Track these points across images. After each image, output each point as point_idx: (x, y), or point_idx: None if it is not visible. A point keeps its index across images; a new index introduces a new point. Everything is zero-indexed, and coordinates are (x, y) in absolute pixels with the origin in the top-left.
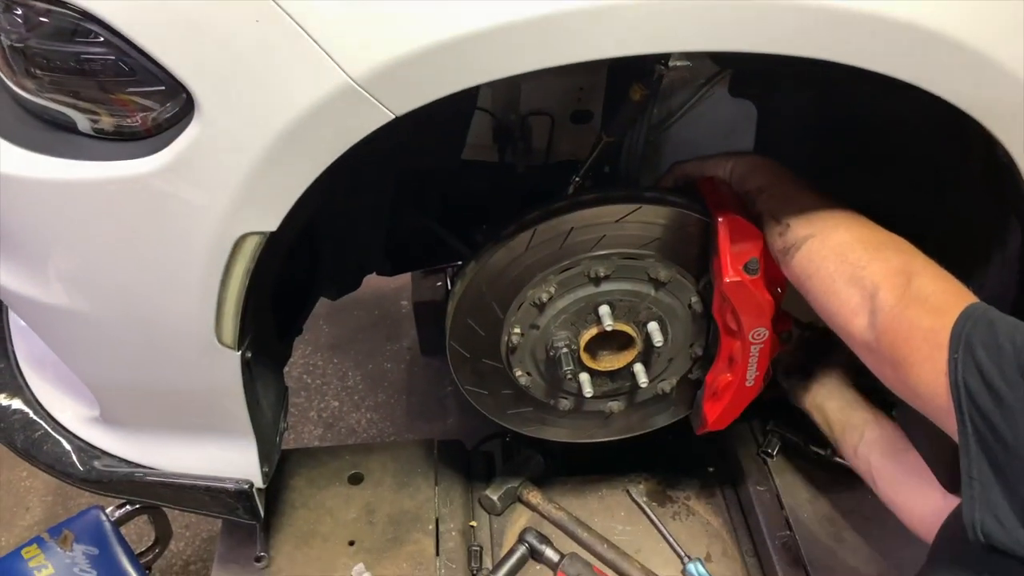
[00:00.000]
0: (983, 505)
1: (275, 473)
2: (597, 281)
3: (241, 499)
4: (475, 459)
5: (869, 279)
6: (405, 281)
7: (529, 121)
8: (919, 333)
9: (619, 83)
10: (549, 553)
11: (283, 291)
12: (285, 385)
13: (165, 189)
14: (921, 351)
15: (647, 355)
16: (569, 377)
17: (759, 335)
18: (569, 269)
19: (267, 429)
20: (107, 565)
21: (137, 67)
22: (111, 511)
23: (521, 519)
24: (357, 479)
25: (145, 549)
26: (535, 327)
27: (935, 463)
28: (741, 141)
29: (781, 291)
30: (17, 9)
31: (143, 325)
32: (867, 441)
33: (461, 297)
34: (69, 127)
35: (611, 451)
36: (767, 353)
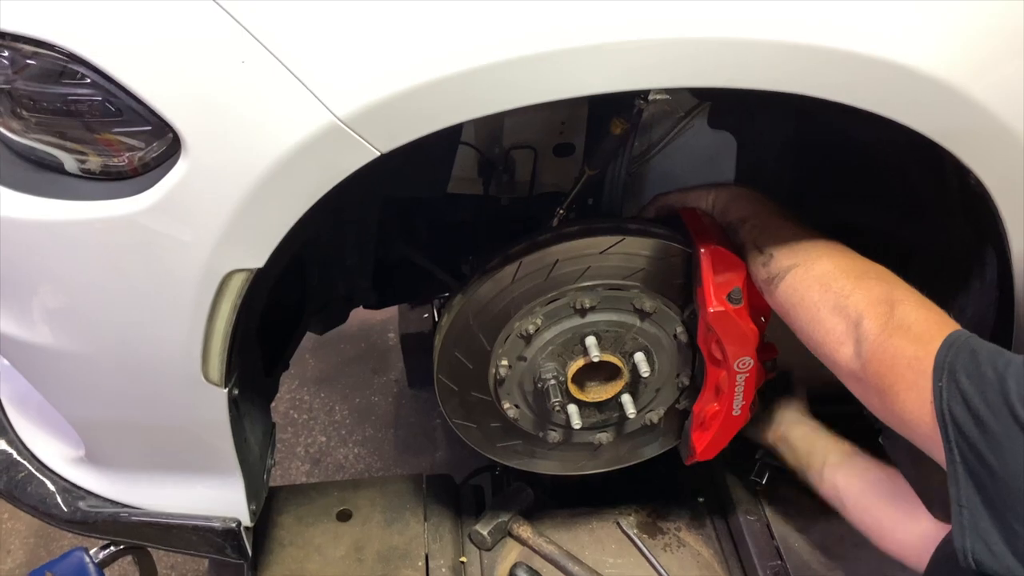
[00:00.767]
0: (973, 532)
1: (263, 511)
2: (583, 312)
3: (229, 538)
4: (464, 493)
5: (853, 308)
6: (392, 313)
7: (512, 154)
8: (903, 361)
9: (600, 117)
10: None
11: (269, 326)
12: (272, 421)
13: (152, 228)
14: (906, 379)
15: (634, 386)
16: (557, 409)
17: (744, 364)
18: (555, 300)
19: (254, 466)
20: None
21: (124, 107)
22: (95, 552)
23: (512, 553)
24: (345, 516)
25: None
26: (522, 359)
27: (924, 489)
28: (722, 170)
29: (765, 320)
30: (4, 51)
31: (129, 363)
32: (831, 464)
33: (448, 330)
34: (56, 167)
35: (601, 482)
36: (753, 382)
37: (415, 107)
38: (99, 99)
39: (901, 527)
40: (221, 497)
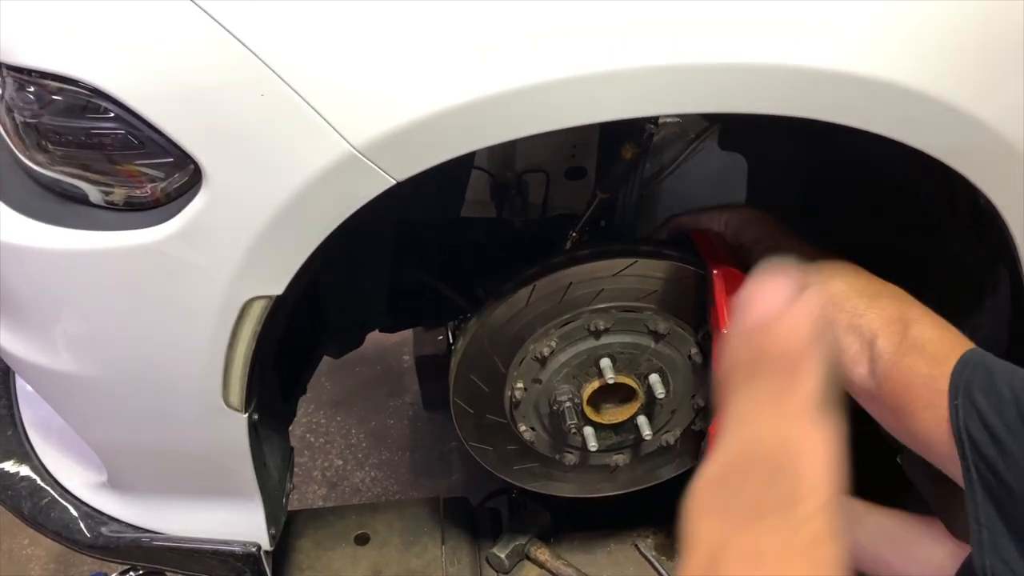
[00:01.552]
0: (992, 551)
1: (281, 535)
2: (597, 334)
3: (249, 562)
4: (481, 516)
5: (867, 327)
6: (407, 335)
7: (525, 178)
8: (919, 380)
9: (611, 140)
10: None
11: (287, 351)
12: (290, 445)
13: (174, 257)
14: (922, 398)
15: (650, 407)
16: (573, 431)
17: None
18: (570, 323)
19: (274, 490)
20: None
21: (146, 140)
22: None
23: None
24: (363, 539)
25: None
26: (538, 381)
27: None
28: (734, 190)
29: None
30: (30, 87)
31: (151, 389)
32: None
33: (463, 353)
34: (81, 199)
35: (619, 504)
36: None
37: (429, 136)
38: (122, 132)
39: (917, 567)
40: (241, 521)
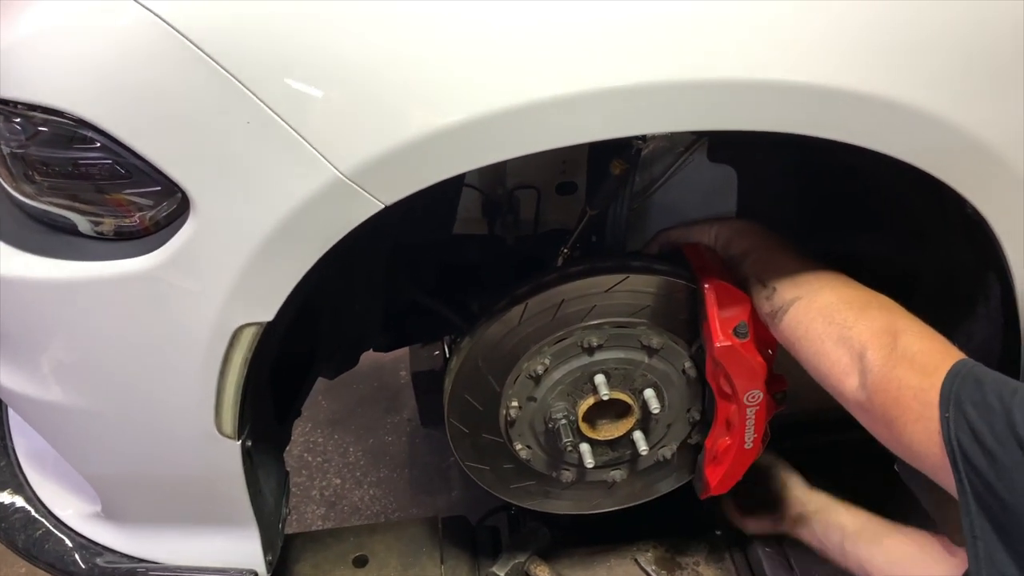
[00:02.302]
0: (988, 563)
1: (279, 559)
2: (591, 351)
3: None
4: (480, 534)
5: (857, 339)
6: (403, 351)
7: (516, 194)
8: (909, 392)
9: (601, 155)
10: None
11: (281, 373)
12: (286, 470)
13: (164, 285)
14: (912, 410)
15: (645, 422)
16: (570, 448)
17: (754, 397)
18: (563, 340)
19: (269, 516)
20: None
21: (133, 169)
22: None
23: None
24: (362, 562)
25: None
26: (532, 399)
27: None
28: (724, 203)
29: (772, 352)
30: (16, 119)
31: (142, 419)
32: (851, 535)
33: (457, 373)
34: (70, 229)
35: (617, 519)
36: (763, 415)
37: (416, 160)
38: (109, 162)
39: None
40: (237, 549)
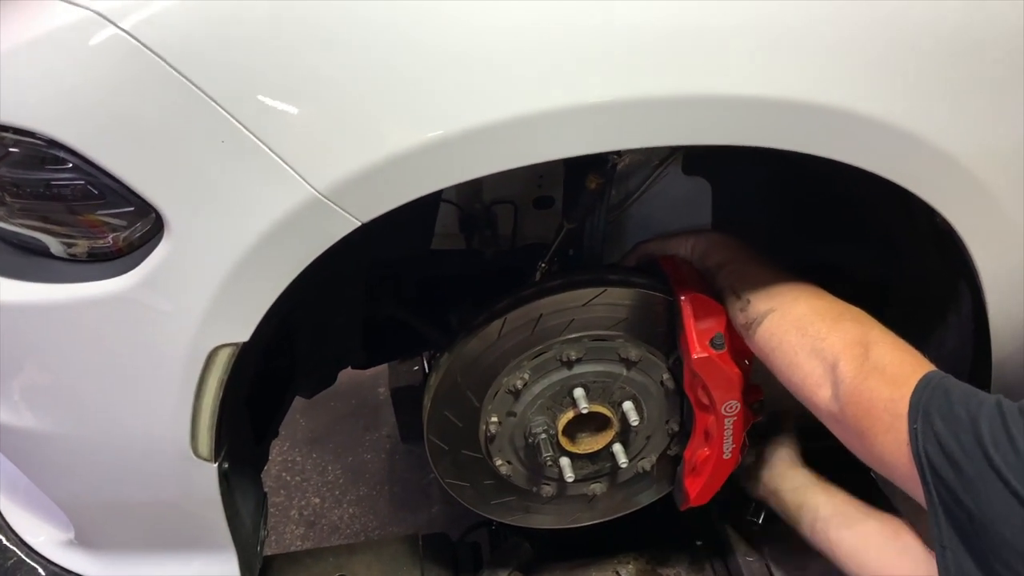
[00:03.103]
0: (957, 572)
1: None
2: (570, 364)
3: None
4: (461, 551)
5: (829, 351)
6: (381, 368)
7: (494, 209)
8: (880, 403)
9: (577, 170)
10: None
11: (258, 393)
12: (264, 491)
13: (138, 307)
14: (883, 421)
15: (625, 435)
16: (549, 463)
17: (731, 408)
18: (542, 354)
19: (247, 539)
20: None
21: (106, 190)
22: None
23: None
24: None
25: None
26: (512, 414)
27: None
28: (699, 214)
29: (749, 363)
30: None
31: (117, 443)
32: (823, 518)
33: (436, 389)
34: (42, 251)
35: (598, 532)
36: (741, 425)
37: (392, 177)
38: (81, 183)
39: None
40: (214, 572)
